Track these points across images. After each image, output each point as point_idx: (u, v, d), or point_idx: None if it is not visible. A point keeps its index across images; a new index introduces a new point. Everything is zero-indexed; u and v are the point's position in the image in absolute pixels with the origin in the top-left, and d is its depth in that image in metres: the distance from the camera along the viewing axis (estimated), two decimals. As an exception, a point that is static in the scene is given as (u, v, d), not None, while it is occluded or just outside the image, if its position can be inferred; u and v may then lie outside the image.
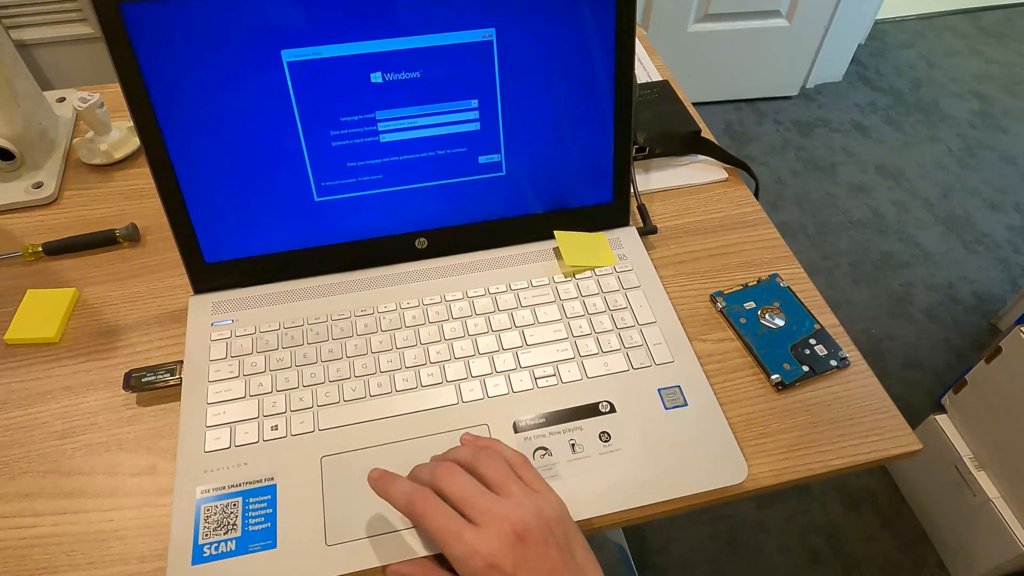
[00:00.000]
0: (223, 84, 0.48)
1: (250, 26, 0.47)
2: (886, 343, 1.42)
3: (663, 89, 0.70)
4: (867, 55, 2.14)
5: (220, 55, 0.47)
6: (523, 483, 0.39)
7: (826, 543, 1.15)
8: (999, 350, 0.96)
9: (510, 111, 0.53)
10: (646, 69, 0.77)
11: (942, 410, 1.11)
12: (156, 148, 0.49)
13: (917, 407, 1.31)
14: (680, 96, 0.70)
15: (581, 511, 0.43)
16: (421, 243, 0.56)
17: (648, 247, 0.59)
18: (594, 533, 0.44)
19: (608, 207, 0.59)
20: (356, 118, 0.51)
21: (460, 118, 0.52)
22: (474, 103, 0.52)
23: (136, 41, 0.46)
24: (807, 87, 2.02)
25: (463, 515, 0.37)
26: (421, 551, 0.41)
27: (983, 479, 1.00)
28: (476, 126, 0.53)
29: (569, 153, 0.56)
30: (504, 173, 0.55)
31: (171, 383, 0.49)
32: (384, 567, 0.41)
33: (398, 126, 0.52)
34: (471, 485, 0.37)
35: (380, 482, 0.40)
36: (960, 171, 1.79)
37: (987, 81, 2.07)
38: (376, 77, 0.50)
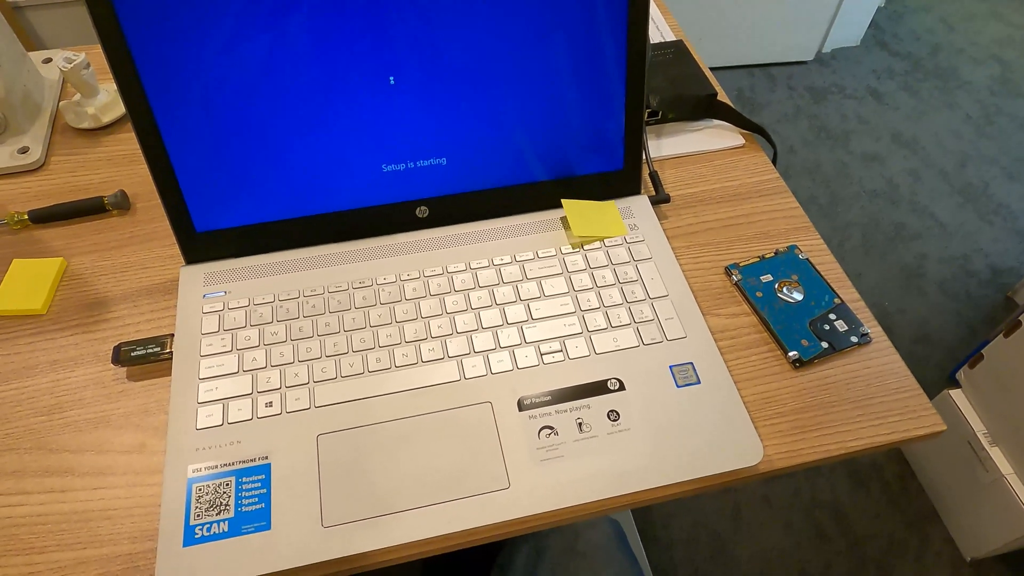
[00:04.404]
0: (211, 40, 0.45)
1: (237, -23, 0.43)
2: (897, 317, 1.40)
3: (677, 50, 0.66)
4: (885, 18, 2.07)
5: (207, 7, 0.44)
6: None
7: (832, 519, 1.14)
8: (1019, 324, 0.94)
9: (516, 71, 0.50)
10: (659, 29, 0.73)
11: (955, 385, 1.08)
12: (141, 110, 0.46)
13: (927, 383, 1.29)
14: (695, 58, 0.66)
15: (587, 493, 0.41)
16: (422, 212, 0.54)
17: (660, 217, 0.57)
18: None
19: (618, 175, 0.56)
20: (354, 76, 0.48)
21: (462, 76, 0.49)
22: (478, 60, 0.49)
23: (115, -7, 0.43)
24: (823, 52, 1.96)
25: None
26: (420, 535, 0.40)
27: (997, 455, 0.99)
28: (480, 85, 0.50)
29: (578, 117, 0.53)
30: (509, 138, 0.52)
31: (162, 357, 0.47)
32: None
33: (397, 85, 0.49)
34: None
35: None
36: (977, 139, 1.74)
37: (1008, 46, 2.01)
38: (373, 34, 0.46)
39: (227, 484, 0.41)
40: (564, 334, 0.48)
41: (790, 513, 1.15)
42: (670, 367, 0.47)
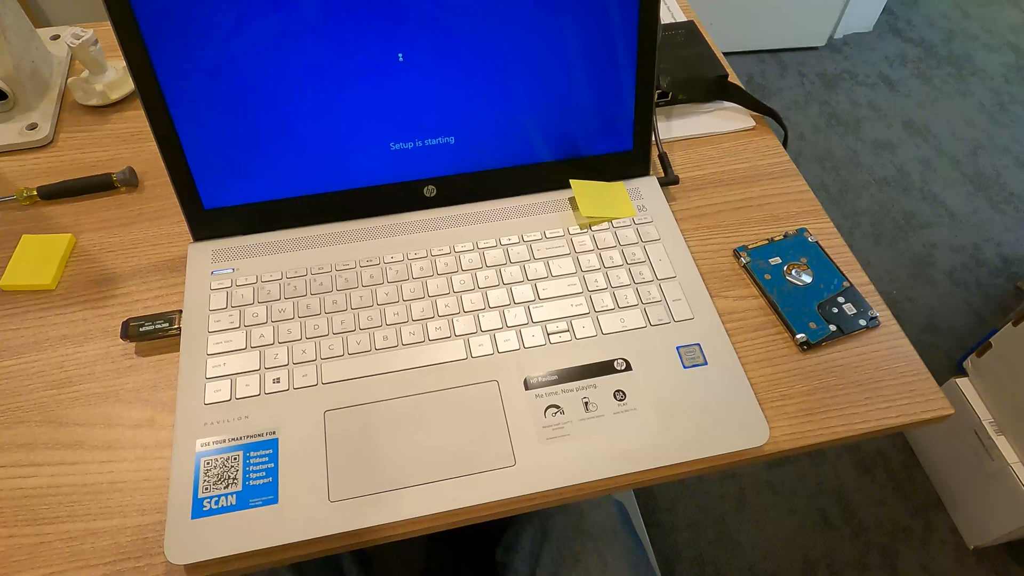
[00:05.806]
0: (220, 16, 0.45)
1: (246, -49, 0.43)
2: (905, 305, 1.39)
3: (688, 31, 0.66)
4: (899, 4, 2.04)
5: (214, -17, 0.44)
6: None
7: (836, 506, 1.14)
8: (1028, 313, 0.93)
9: (526, 50, 0.49)
10: (670, 9, 0.72)
11: (963, 374, 1.08)
12: (149, 87, 0.46)
13: (934, 371, 1.28)
14: (706, 39, 0.66)
15: (592, 472, 0.41)
16: (430, 191, 0.53)
17: (669, 198, 0.56)
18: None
19: (627, 155, 0.55)
20: (363, 53, 0.47)
21: (471, 54, 0.49)
22: (488, 38, 0.49)
23: (124, -34, 0.42)
24: (835, 38, 1.93)
25: None
26: (426, 510, 0.40)
27: (1003, 444, 0.98)
28: (489, 63, 0.49)
29: (587, 97, 0.52)
30: (518, 117, 0.52)
31: (170, 333, 0.48)
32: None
33: (406, 62, 0.48)
34: None
35: None
36: (990, 128, 1.72)
37: (1024, 33, 1.98)
38: (382, 10, 0.46)
39: (235, 458, 0.42)
40: (571, 314, 0.48)
41: (794, 499, 1.15)
42: (677, 348, 0.47)
